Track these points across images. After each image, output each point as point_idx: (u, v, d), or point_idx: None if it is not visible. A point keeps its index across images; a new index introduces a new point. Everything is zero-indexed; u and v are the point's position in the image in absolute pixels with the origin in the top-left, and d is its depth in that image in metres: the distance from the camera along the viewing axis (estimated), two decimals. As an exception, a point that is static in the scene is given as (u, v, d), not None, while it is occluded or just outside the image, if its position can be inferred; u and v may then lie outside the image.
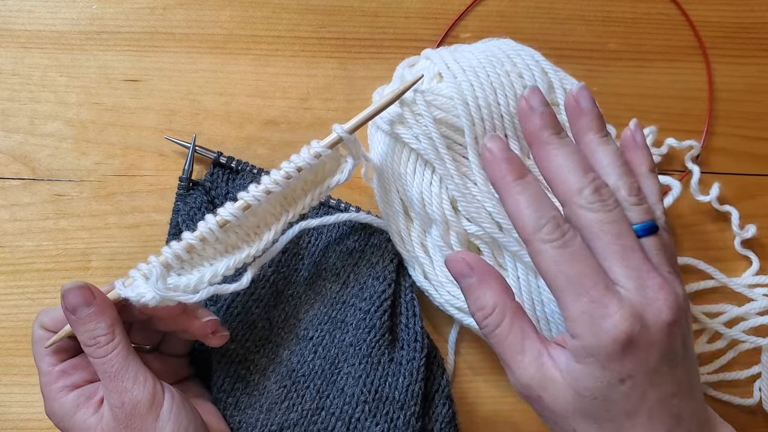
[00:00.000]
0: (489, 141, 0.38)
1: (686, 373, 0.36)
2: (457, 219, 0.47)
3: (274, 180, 0.42)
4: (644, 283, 0.34)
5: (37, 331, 0.42)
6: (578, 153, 0.37)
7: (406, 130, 0.46)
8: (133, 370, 0.40)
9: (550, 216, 0.35)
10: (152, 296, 0.39)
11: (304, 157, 0.42)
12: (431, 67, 0.48)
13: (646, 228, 0.36)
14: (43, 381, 0.41)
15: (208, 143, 0.52)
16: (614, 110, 0.55)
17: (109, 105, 0.53)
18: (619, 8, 0.57)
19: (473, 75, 0.46)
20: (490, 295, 0.37)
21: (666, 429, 0.35)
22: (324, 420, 0.46)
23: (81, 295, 0.40)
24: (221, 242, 0.42)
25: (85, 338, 0.40)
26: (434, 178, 0.47)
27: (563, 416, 0.35)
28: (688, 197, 0.55)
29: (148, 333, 0.46)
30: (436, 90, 0.46)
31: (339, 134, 0.43)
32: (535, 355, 0.36)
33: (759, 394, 0.53)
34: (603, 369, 0.34)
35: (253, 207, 0.42)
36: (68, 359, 0.42)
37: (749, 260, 0.55)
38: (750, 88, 0.57)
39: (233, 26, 0.54)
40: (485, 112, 0.46)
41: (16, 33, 0.53)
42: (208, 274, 0.42)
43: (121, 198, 0.52)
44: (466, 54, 0.47)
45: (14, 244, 0.52)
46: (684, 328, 0.35)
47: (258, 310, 0.48)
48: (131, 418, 0.39)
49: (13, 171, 0.52)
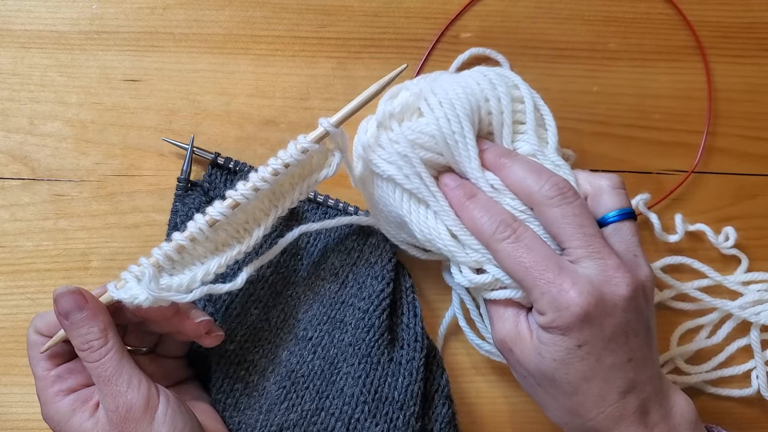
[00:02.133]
0: (445, 177, 0.45)
1: (643, 344, 0.40)
2: (461, 249, 0.45)
3: (261, 177, 0.42)
4: (604, 264, 0.40)
5: (32, 336, 0.42)
6: (531, 162, 0.43)
7: (396, 170, 0.45)
8: (126, 373, 0.40)
9: (500, 219, 0.42)
10: (145, 297, 0.39)
11: (291, 152, 0.42)
12: (412, 100, 0.45)
13: (617, 215, 0.43)
14: (38, 385, 0.41)
15: (208, 143, 0.52)
16: (614, 110, 0.55)
17: (108, 105, 0.53)
18: (619, 8, 0.56)
19: (450, 108, 0.44)
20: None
21: (620, 391, 0.40)
22: (324, 420, 0.46)
23: (73, 300, 0.40)
24: (211, 240, 0.42)
25: (78, 343, 0.40)
26: (429, 213, 0.45)
27: (530, 372, 0.41)
28: (680, 204, 0.55)
29: (144, 335, 0.46)
30: (416, 128, 0.44)
31: (325, 128, 0.43)
32: (514, 313, 0.43)
33: (757, 383, 0.53)
34: (563, 336, 0.39)
35: (242, 204, 0.42)
36: (63, 363, 0.42)
37: (737, 260, 0.55)
38: (750, 88, 0.57)
39: (233, 26, 0.54)
40: (460, 141, 0.44)
41: (16, 33, 0.53)
42: (201, 272, 0.42)
43: (121, 198, 0.52)
44: (444, 84, 0.45)
45: (14, 244, 0.52)
46: (641, 303, 0.40)
47: (257, 310, 0.48)
48: (126, 422, 0.39)
49: (12, 171, 0.52)
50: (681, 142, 0.56)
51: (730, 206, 0.55)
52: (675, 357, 0.54)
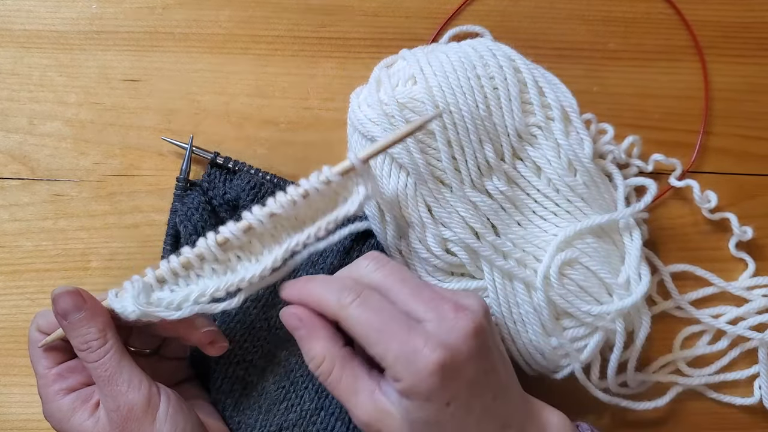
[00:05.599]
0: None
1: (501, 375, 0.39)
2: (434, 223, 0.47)
3: (279, 203, 0.41)
4: (441, 311, 0.38)
5: (33, 334, 0.42)
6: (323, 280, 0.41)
7: (381, 132, 0.46)
8: (126, 373, 0.40)
9: (341, 285, 0.39)
10: (132, 310, 0.39)
11: (312, 182, 0.41)
12: (407, 68, 0.48)
13: None
14: (40, 383, 0.42)
15: (208, 143, 0.52)
16: (614, 110, 0.55)
17: (108, 105, 0.53)
18: (619, 8, 0.56)
19: (444, 79, 0.46)
20: (319, 346, 0.40)
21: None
22: (323, 420, 0.46)
23: (71, 300, 0.40)
24: (220, 262, 0.42)
25: (77, 343, 0.40)
26: (409, 181, 0.46)
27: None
28: (675, 207, 0.55)
29: (148, 338, 0.45)
30: (409, 93, 0.46)
31: (352, 162, 0.41)
32: (369, 393, 0.38)
33: (759, 393, 0.53)
34: (428, 401, 0.36)
35: (256, 229, 0.41)
36: (64, 362, 0.42)
37: (744, 263, 0.55)
38: (749, 88, 0.57)
39: (232, 26, 0.54)
40: (456, 117, 0.45)
41: (16, 33, 0.53)
42: (195, 293, 0.41)
43: (121, 198, 0.52)
44: (440, 56, 0.47)
45: (13, 244, 0.52)
46: (487, 333, 0.38)
47: (256, 310, 0.48)
48: (127, 422, 0.39)
49: (12, 171, 0.52)
50: (681, 141, 0.56)
51: (730, 206, 0.55)
52: (677, 360, 0.54)
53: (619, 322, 0.47)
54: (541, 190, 0.48)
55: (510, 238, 0.47)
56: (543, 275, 0.46)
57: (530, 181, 0.48)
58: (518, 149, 0.48)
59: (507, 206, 0.48)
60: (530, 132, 0.48)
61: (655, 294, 0.54)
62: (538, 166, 0.48)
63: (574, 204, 0.48)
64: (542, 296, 0.46)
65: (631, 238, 0.49)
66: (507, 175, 0.48)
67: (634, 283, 0.48)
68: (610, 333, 0.48)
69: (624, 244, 0.49)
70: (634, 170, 0.54)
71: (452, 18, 0.55)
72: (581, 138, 0.48)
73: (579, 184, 0.47)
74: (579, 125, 0.48)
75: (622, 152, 0.53)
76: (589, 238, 0.48)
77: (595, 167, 0.48)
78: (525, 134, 0.47)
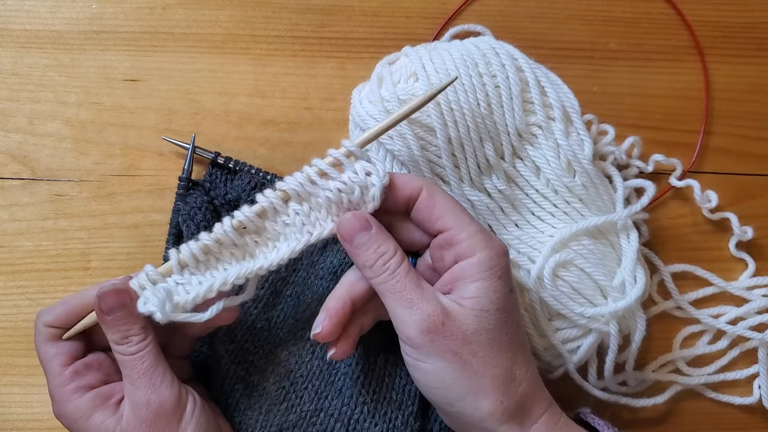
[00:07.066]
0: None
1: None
2: None
3: (298, 180, 0.41)
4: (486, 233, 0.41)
5: (43, 330, 0.41)
6: None
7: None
8: (162, 368, 0.40)
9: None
10: (160, 317, 0.39)
11: (334, 154, 0.41)
12: (409, 65, 0.48)
13: None
14: (54, 383, 0.40)
15: (208, 143, 0.52)
16: (614, 110, 0.55)
17: (108, 105, 0.53)
18: (619, 8, 0.56)
19: (446, 76, 0.46)
20: (392, 241, 0.41)
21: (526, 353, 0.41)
22: (323, 421, 0.46)
23: (118, 298, 0.39)
24: (239, 247, 0.42)
25: (117, 337, 0.39)
26: None
27: (465, 341, 0.38)
28: (676, 207, 0.55)
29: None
30: (410, 89, 0.46)
31: (373, 132, 0.42)
32: (431, 292, 0.40)
33: (759, 392, 0.53)
34: (500, 279, 0.39)
35: (270, 214, 0.41)
36: (78, 360, 0.41)
37: (744, 263, 0.55)
38: (749, 88, 0.57)
39: (233, 26, 0.54)
40: (457, 114, 0.45)
41: (15, 33, 0.53)
42: (218, 282, 0.40)
43: (121, 198, 0.52)
44: (443, 53, 0.47)
45: (13, 244, 0.51)
46: None
47: (257, 311, 0.48)
48: (157, 417, 0.39)
49: (12, 171, 0.52)
50: (681, 141, 0.56)
51: (730, 206, 0.55)
52: (677, 359, 0.54)
53: (613, 324, 0.47)
54: (539, 190, 0.48)
55: (505, 239, 0.48)
56: (536, 276, 0.46)
57: (529, 180, 0.48)
58: (518, 148, 0.48)
59: (505, 206, 0.48)
60: (531, 131, 0.48)
61: (655, 294, 0.54)
62: (538, 166, 0.48)
63: (571, 205, 0.48)
64: (534, 297, 0.47)
65: (628, 240, 0.49)
66: (506, 174, 0.48)
67: (629, 286, 0.48)
68: (605, 335, 0.48)
69: (621, 246, 0.49)
70: (635, 171, 0.54)
71: (452, 18, 0.55)
72: (581, 139, 0.48)
73: (577, 185, 0.47)
74: (580, 126, 0.48)
75: (623, 153, 0.53)
76: (586, 239, 0.48)
77: (594, 169, 0.48)
78: (525, 133, 0.47)
